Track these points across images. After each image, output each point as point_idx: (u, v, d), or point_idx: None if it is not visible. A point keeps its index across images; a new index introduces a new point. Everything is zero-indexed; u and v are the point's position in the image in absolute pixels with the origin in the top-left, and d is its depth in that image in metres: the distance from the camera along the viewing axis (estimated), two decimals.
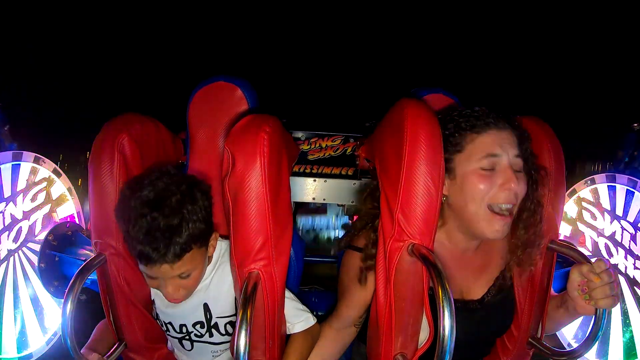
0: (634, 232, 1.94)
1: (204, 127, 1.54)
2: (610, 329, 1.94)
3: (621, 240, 1.97)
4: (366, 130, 1.97)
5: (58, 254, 1.95)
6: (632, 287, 1.94)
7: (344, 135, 1.95)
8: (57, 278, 1.96)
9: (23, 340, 1.99)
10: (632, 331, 1.91)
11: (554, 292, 1.42)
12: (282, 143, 1.27)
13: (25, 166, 2.01)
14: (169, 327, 1.40)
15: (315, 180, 1.94)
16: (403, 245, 1.14)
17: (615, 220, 1.99)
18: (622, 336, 1.93)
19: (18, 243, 1.99)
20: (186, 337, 1.40)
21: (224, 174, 1.20)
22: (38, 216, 2.05)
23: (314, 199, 1.95)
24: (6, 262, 1.97)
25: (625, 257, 1.96)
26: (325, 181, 1.95)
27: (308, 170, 1.95)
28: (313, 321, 1.39)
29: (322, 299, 1.78)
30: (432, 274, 1.06)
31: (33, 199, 2.04)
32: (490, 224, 1.21)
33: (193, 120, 1.55)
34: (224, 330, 1.38)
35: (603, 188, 2.04)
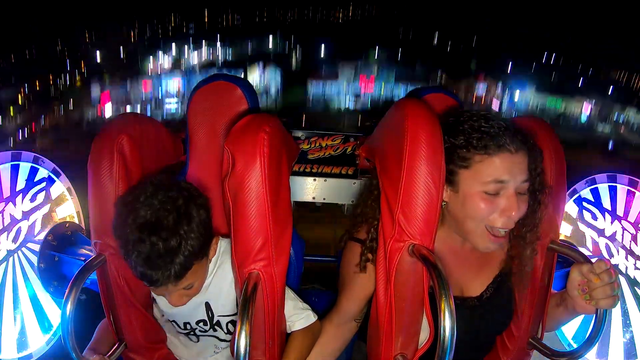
0: (635, 233, 1.94)
1: (204, 127, 1.54)
2: (610, 330, 1.94)
3: (622, 240, 1.97)
4: (366, 129, 1.97)
5: (57, 254, 1.95)
6: (633, 288, 1.94)
7: (344, 134, 1.94)
8: (57, 278, 1.95)
9: (23, 340, 1.99)
10: (633, 332, 1.91)
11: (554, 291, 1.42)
12: (282, 143, 1.26)
13: (24, 166, 2.00)
14: (174, 324, 1.41)
15: (315, 179, 1.94)
16: (403, 245, 1.13)
17: (616, 220, 1.99)
18: (623, 337, 1.92)
19: (17, 243, 1.99)
20: (191, 333, 1.41)
21: (224, 175, 1.19)
22: (37, 216, 2.05)
23: (314, 198, 1.95)
24: (5, 263, 1.96)
25: (625, 258, 1.96)
26: (325, 180, 1.94)
27: (308, 169, 1.94)
28: (313, 318, 1.39)
29: (322, 299, 1.77)
30: (433, 275, 1.06)
31: (32, 199, 2.03)
32: (484, 241, 1.24)
33: (193, 119, 1.54)
34: (226, 329, 1.39)
35: (604, 188, 2.04)
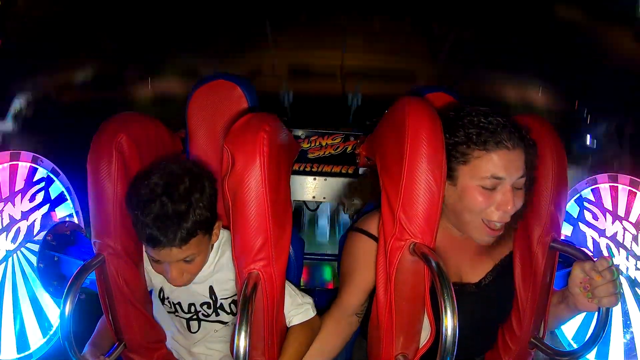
0: (636, 233, 1.94)
1: (203, 126, 1.53)
2: (610, 330, 1.93)
3: (623, 241, 1.97)
4: (367, 128, 1.96)
5: (57, 254, 1.95)
6: (634, 288, 1.94)
7: (344, 133, 1.94)
8: (57, 278, 1.95)
9: (23, 340, 1.99)
10: (633, 332, 1.91)
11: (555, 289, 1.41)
12: (282, 142, 1.26)
13: (23, 166, 2.00)
14: (178, 308, 1.41)
15: (315, 178, 1.93)
16: (404, 244, 1.12)
17: (617, 220, 1.99)
18: (623, 337, 1.92)
19: (17, 243, 1.99)
20: (194, 317, 1.42)
21: (224, 174, 1.19)
22: (37, 216, 2.05)
23: (314, 198, 1.95)
24: (5, 263, 1.96)
25: (626, 258, 1.96)
26: (325, 180, 1.94)
27: (308, 168, 1.94)
28: (313, 313, 1.38)
29: (322, 298, 1.77)
30: (435, 274, 1.05)
31: (31, 199, 2.03)
32: (481, 234, 1.25)
33: (192, 119, 1.54)
34: (229, 309, 1.41)
35: (605, 188, 2.04)
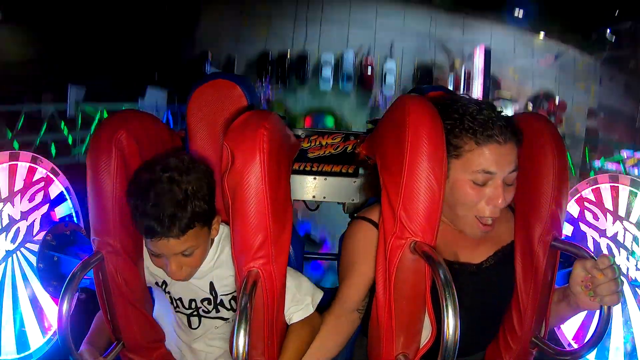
0: (637, 234, 1.93)
1: (203, 126, 1.53)
2: (611, 330, 1.93)
3: (623, 241, 1.97)
4: (369, 129, 1.96)
5: (57, 254, 1.94)
6: (634, 289, 1.94)
7: (345, 132, 1.94)
8: (56, 278, 1.94)
9: (23, 340, 1.99)
10: (633, 332, 1.90)
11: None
12: (282, 139, 1.26)
13: (22, 166, 2.00)
14: (179, 304, 1.41)
15: (315, 178, 1.93)
16: (405, 242, 1.12)
17: (617, 221, 1.99)
18: (623, 337, 1.92)
19: (16, 244, 1.99)
20: (194, 313, 1.41)
21: (223, 171, 1.19)
22: (36, 216, 2.05)
23: (314, 197, 1.94)
24: (4, 263, 1.96)
25: (627, 259, 1.96)
26: (325, 179, 1.93)
27: (308, 168, 1.93)
28: (312, 309, 1.37)
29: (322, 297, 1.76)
30: (437, 273, 1.04)
31: (31, 199, 2.03)
32: (472, 229, 1.26)
33: (192, 118, 1.53)
34: (229, 305, 1.40)
35: (606, 188, 2.04)
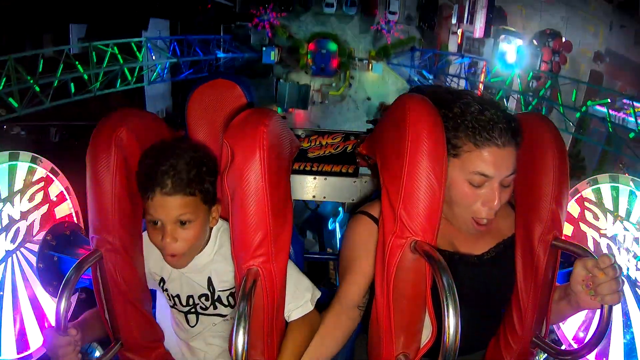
0: (637, 234, 1.93)
1: (203, 125, 1.53)
2: (611, 330, 1.92)
3: (623, 241, 1.96)
4: (369, 130, 1.96)
5: (57, 254, 1.93)
6: (634, 289, 1.93)
7: (345, 132, 1.93)
8: (56, 278, 1.94)
9: (22, 341, 1.98)
10: (633, 332, 1.90)
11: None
12: (282, 137, 1.26)
13: (22, 166, 1.99)
14: (177, 301, 1.42)
15: (315, 178, 1.93)
16: (405, 242, 1.12)
17: (617, 221, 1.98)
18: (623, 337, 1.91)
19: (16, 244, 1.98)
20: (192, 310, 1.42)
21: (223, 168, 1.19)
22: (36, 216, 2.04)
23: (314, 197, 1.94)
24: (4, 264, 1.95)
25: (627, 259, 1.95)
26: (325, 179, 1.93)
27: (308, 168, 1.93)
28: (311, 306, 1.38)
29: (322, 295, 1.76)
30: (437, 272, 1.04)
31: (31, 199, 2.02)
32: (468, 227, 1.29)
33: (192, 118, 1.53)
34: (227, 301, 1.41)
35: (606, 188, 2.03)
